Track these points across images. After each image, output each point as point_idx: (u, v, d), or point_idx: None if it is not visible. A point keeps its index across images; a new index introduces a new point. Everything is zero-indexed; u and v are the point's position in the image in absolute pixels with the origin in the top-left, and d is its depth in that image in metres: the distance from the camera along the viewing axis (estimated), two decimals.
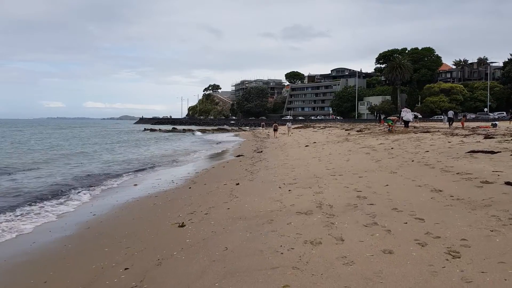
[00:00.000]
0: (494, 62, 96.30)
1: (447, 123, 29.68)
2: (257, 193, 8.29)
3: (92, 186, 11.93)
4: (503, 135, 15.30)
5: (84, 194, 10.67)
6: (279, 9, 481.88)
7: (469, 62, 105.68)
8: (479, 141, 13.69)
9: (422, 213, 5.38)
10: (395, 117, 23.78)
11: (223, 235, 5.25)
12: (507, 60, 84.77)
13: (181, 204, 8.02)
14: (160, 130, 71.18)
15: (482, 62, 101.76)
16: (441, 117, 63.48)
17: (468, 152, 11.02)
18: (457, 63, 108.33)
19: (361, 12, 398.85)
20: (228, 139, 41.34)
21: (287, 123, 48.13)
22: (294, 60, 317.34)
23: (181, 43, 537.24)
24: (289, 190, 8.15)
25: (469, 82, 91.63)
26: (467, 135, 16.37)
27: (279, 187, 8.68)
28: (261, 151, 20.94)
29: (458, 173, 8.07)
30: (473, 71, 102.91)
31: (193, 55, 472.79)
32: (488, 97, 77.98)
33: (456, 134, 17.03)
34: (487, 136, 14.32)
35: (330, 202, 6.58)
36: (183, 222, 6.08)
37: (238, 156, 19.50)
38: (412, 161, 10.73)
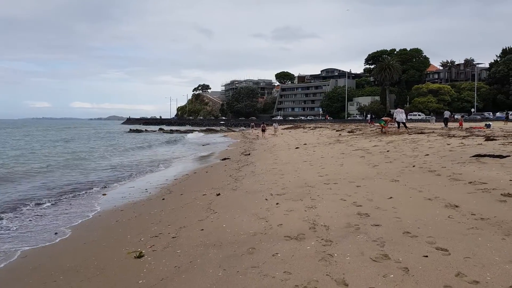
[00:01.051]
0: (480, 64, 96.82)
1: (442, 123, 28.92)
2: (239, 207, 7.09)
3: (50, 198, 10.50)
4: (505, 136, 14.37)
5: (41, 207, 9.28)
6: (270, 9, 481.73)
7: (456, 63, 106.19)
8: (480, 144, 12.71)
9: (443, 240, 4.25)
10: (388, 118, 22.79)
11: (189, 273, 4.03)
12: (493, 61, 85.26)
13: (147, 222, 6.77)
14: (146, 131, 69.43)
15: (469, 63, 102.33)
16: (428, 117, 63.18)
17: (474, 156, 10.01)
18: (444, 64, 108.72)
19: (351, 14, 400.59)
20: (216, 140, 40.04)
21: (274, 123, 47.17)
22: (285, 60, 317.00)
23: (171, 43, 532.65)
24: (277, 203, 6.97)
25: (456, 83, 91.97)
26: (466, 136, 15.42)
27: (266, 199, 7.49)
28: (249, 154, 19.74)
29: (470, 182, 6.99)
30: (459, 72, 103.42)
31: (183, 55, 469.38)
32: (475, 97, 78.12)
33: (454, 136, 16.08)
34: (488, 138, 13.37)
35: (326, 221, 5.42)
36: (140, 252, 4.83)
37: (224, 159, 18.28)
38: (413, 166, 9.65)
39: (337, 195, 7.18)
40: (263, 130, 40.64)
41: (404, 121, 21.53)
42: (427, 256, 3.84)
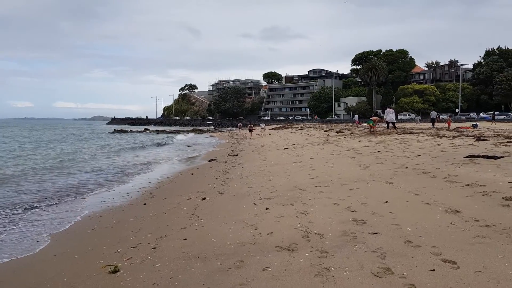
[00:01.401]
0: (464, 65, 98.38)
1: (430, 123, 28.97)
2: (226, 212, 6.64)
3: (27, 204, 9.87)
4: (495, 136, 14.26)
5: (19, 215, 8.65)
6: (258, 10, 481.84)
7: (441, 64, 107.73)
8: (471, 144, 12.54)
9: (449, 251, 3.89)
10: (376, 118, 22.61)
11: None
12: (476, 62, 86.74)
13: (126, 230, 6.26)
14: (131, 131, 68.27)
15: (453, 64, 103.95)
16: (414, 117, 63.74)
17: (467, 157, 9.77)
18: (429, 65, 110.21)
19: (338, 15, 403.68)
20: (203, 141, 39.43)
21: (261, 124, 46.90)
22: (272, 61, 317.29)
23: (158, 42, 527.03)
24: (267, 209, 6.55)
25: (441, 84, 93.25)
26: (455, 136, 15.28)
27: (254, 204, 7.06)
28: (236, 155, 19.29)
29: (468, 184, 6.69)
30: (444, 73, 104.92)
31: (170, 55, 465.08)
32: (460, 98, 79.23)
33: (444, 136, 15.93)
34: (478, 138, 13.21)
35: (320, 229, 5.02)
36: (116, 266, 4.34)
37: (211, 160, 17.78)
38: (406, 167, 9.35)
39: (329, 199, 6.79)
40: (250, 131, 40.19)
41: (394, 121, 21.36)
42: (434, 270, 3.47)
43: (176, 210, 7.31)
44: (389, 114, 21.16)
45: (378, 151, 13.36)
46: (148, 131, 67.69)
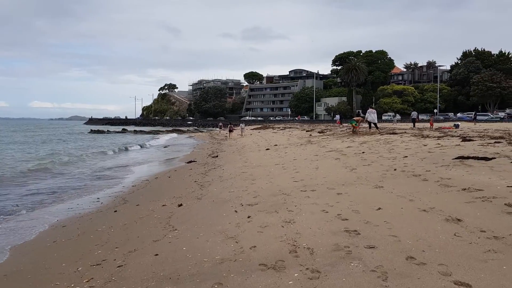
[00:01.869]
0: (441, 66, 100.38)
1: (411, 123, 29.00)
2: (204, 221, 6.01)
3: None
4: (480, 137, 14.10)
5: None
6: (239, 10, 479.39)
7: (419, 65, 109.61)
8: (458, 144, 12.30)
9: (459, 270, 3.39)
10: (360, 118, 22.36)
11: None
12: (454, 63, 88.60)
13: (91, 242, 5.55)
14: (108, 131, 66.41)
15: (431, 65, 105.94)
16: (392, 117, 64.44)
17: (457, 158, 9.44)
18: (407, 66, 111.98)
19: (318, 16, 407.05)
20: (182, 142, 38.47)
21: (241, 124, 46.41)
22: (253, 61, 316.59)
23: (137, 41, 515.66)
24: (249, 217, 5.95)
25: (419, 84, 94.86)
26: (440, 137, 15.08)
27: (235, 211, 6.46)
28: (217, 156, 18.62)
29: (464, 189, 6.28)
30: (422, 74, 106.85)
31: (149, 54, 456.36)
32: (438, 99, 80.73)
33: (428, 136, 15.72)
34: (464, 139, 13.00)
35: (309, 242, 4.46)
36: None
37: (190, 162, 17.05)
38: (395, 169, 8.94)
39: (317, 205, 6.25)
40: (231, 131, 39.68)
41: (376, 121, 21.13)
42: None
43: (148, 219, 6.62)
44: (371, 114, 20.91)
45: (363, 152, 12.97)
46: (126, 132, 65.95)
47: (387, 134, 19.05)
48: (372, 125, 21.31)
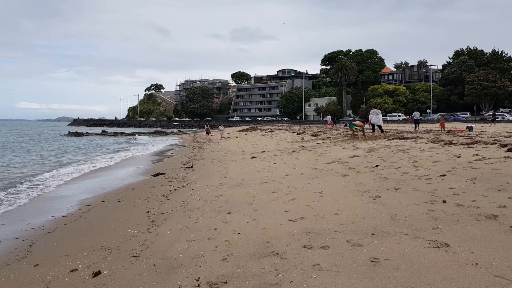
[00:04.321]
0: (433, 65, 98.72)
1: (413, 125, 26.17)
2: None
3: None
4: None
5: None
6: (228, 10, 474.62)
7: (410, 64, 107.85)
8: (508, 157, 9.18)
9: None
10: (360, 123, 19.31)
11: None
12: (445, 63, 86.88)
13: None
14: (87, 133, 62.38)
15: (422, 64, 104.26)
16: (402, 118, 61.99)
17: None
18: (398, 66, 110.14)
19: (306, 16, 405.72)
20: (160, 146, 34.94)
21: (219, 126, 43.33)
22: (242, 61, 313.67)
23: (125, 41, 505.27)
24: None
25: (411, 84, 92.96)
26: (470, 144, 12.07)
27: None
28: (192, 166, 15.34)
29: None
30: (413, 74, 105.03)
31: (137, 54, 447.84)
32: (431, 99, 78.72)
33: (451, 142, 12.72)
34: (510, 149, 9.94)
35: None
36: None
37: (157, 174, 13.73)
38: (444, 202, 5.84)
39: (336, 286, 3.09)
40: (207, 133, 37.06)
41: (381, 123, 18.10)
42: None
43: None
44: (375, 115, 17.87)
45: (377, 166, 9.87)
46: (105, 134, 62.00)
47: (396, 139, 16.06)
48: (377, 127, 18.27)
